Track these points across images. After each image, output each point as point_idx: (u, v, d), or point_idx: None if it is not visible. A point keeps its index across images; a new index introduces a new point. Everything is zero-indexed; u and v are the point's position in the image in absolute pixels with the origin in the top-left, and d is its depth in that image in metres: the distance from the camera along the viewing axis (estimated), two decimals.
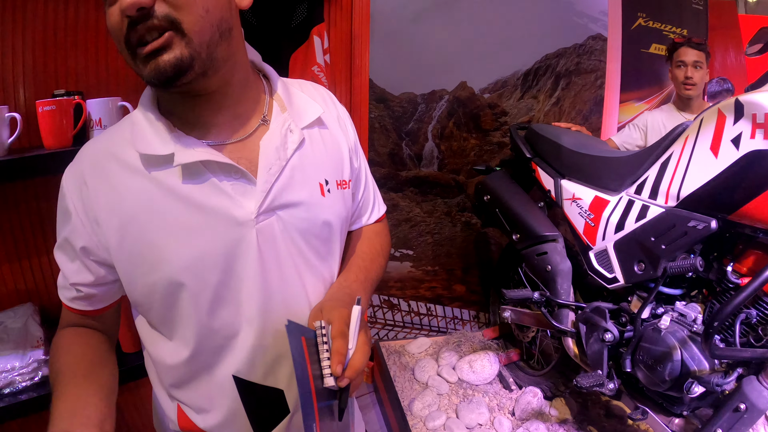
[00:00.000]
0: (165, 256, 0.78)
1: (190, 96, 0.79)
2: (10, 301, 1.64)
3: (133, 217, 0.78)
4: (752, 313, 1.30)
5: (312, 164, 0.88)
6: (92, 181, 0.80)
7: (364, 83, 2.43)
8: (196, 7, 0.70)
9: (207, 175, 0.78)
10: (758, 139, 1.21)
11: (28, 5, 1.53)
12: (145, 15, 0.68)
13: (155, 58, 0.70)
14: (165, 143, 0.77)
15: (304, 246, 0.87)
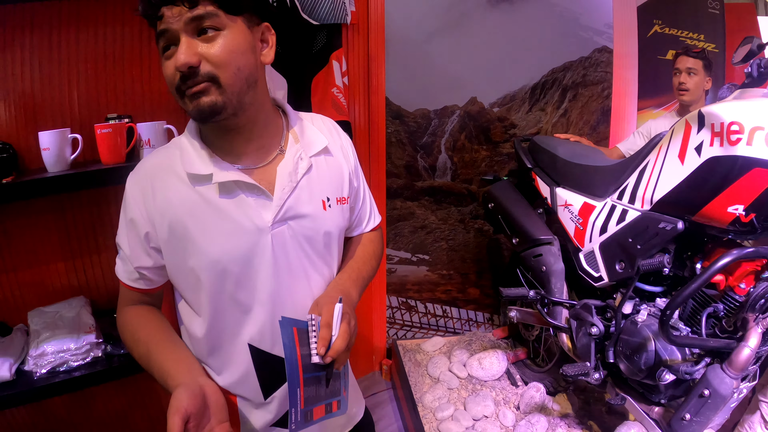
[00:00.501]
0: (202, 249, 0.99)
1: (225, 130, 1.01)
2: (64, 295, 1.87)
3: (179, 218, 0.99)
4: (719, 307, 1.42)
5: (317, 185, 1.09)
6: (151, 186, 1.01)
7: (381, 101, 2.60)
8: (231, 66, 0.92)
9: (237, 191, 1.00)
10: (716, 146, 1.34)
11: (81, 41, 1.77)
12: (192, 71, 0.89)
13: (198, 99, 0.91)
14: (206, 165, 0.99)
15: (309, 249, 1.08)
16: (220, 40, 0.91)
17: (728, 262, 1.29)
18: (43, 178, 1.55)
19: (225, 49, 0.91)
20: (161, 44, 0.94)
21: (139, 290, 1.10)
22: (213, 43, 0.91)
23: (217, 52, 0.91)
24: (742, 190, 1.27)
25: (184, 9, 0.89)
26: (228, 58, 0.92)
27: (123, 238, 1.07)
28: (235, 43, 0.93)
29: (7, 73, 1.69)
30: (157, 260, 1.06)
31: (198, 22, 0.90)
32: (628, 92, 3.79)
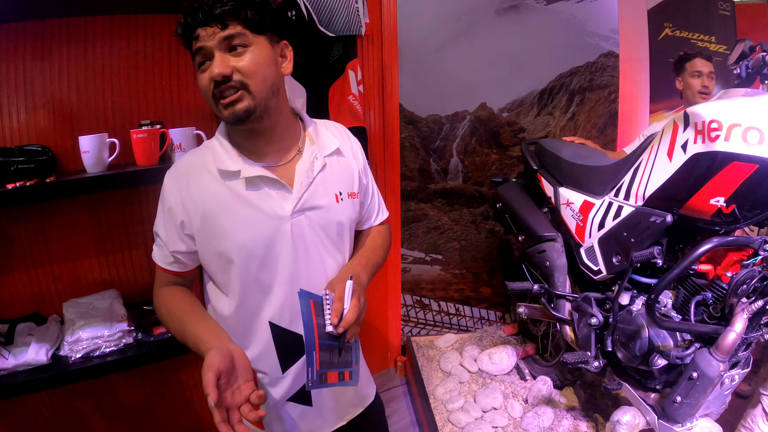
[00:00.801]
0: (230, 235, 1.14)
1: (252, 133, 1.17)
2: (96, 288, 2.01)
3: (211, 208, 1.15)
4: (708, 295, 1.50)
5: (330, 181, 1.24)
6: (186, 181, 1.17)
7: (394, 108, 2.72)
8: (258, 75, 1.10)
9: (261, 185, 1.16)
10: (699, 143, 1.43)
11: (114, 52, 1.92)
12: (226, 80, 1.07)
13: (233, 106, 1.09)
14: (235, 163, 1.15)
15: (324, 236, 1.23)
16: (248, 55, 1.09)
17: (707, 249, 1.37)
18: (83, 178, 1.70)
19: (252, 62, 1.09)
20: (197, 60, 1.11)
21: (172, 273, 1.25)
22: (242, 57, 1.08)
23: (246, 65, 1.08)
24: (723, 182, 1.35)
25: (217, 29, 1.06)
26: (255, 69, 1.09)
27: (160, 227, 1.22)
28: (261, 57, 1.11)
29: (45, 81, 1.84)
30: (190, 246, 1.20)
31: (229, 41, 1.07)
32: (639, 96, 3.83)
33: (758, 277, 1.35)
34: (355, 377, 1.21)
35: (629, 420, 1.69)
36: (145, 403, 2.19)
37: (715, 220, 1.45)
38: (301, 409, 1.28)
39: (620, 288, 1.70)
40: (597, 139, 2.98)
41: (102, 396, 2.08)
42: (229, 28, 1.07)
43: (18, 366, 1.67)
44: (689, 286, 1.55)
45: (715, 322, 1.48)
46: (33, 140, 1.83)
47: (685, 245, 1.63)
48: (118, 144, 1.81)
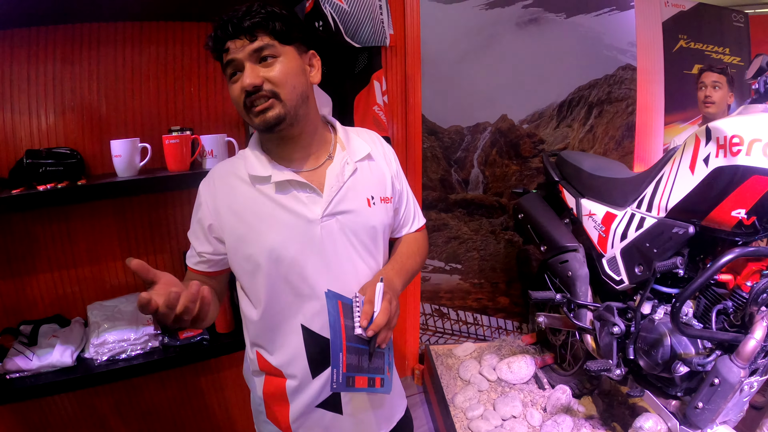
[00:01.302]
0: (261, 238, 1.18)
1: (283, 140, 1.21)
2: (120, 291, 2.04)
3: (242, 212, 1.20)
4: (728, 304, 1.54)
5: (361, 185, 1.26)
6: (219, 187, 1.23)
7: (417, 118, 2.77)
8: (288, 84, 1.14)
9: (291, 189, 1.19)
10: (720, 157, 1.47)
11: (143, 58, 1.96)
12: (257, 90, 1.11)
13: (264, 114, 1.13)
14: (265, 168, 1.20)
15: (355, 241, 1.24)
16: (278, 65, 1.14)
17: (730, 259, 1.41)
18: (115, 181, 1.73)
19: (282, 72, 1.14)
20: (228, 71, 1.16)
21: (198, 272, 1.30)
22: (272, 67, 1.13)
23: (276, 75, 1.13)
24: (743, 195, 1.40)
25: (246, 41, 1.11)
26: (285, 78, 1.14)
27: (191, 229, 1.29)
28: (290, 67, 1.15)
29: (75, 85, 1.87)
30: (217, 248, 1.25)
31: (258, 53, 1.12)
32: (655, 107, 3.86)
33: None
34: (387, 385, 1.19)
35: (651, 426, 1.73)
36: (165, 408, 2.21)
37: (735, 232, 1.49)
38: (331, 417, 1.27)
39: (643, 297, 1.74)
40: (615, 151, 3.03)
41: (122, 399, 2.10)
42: (258, 40, 1.11)
43: (42, 367, 1.68)
44: (710, 295, 1.59)
45: (735, 330, 1.52)
46: (61, 143, 1.86)
47: (706, 256, 1.67)
48: (150, 149, 1.84)
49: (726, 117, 1.54)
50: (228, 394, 2.31)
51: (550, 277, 2.32)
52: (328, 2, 2.18)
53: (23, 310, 1.90)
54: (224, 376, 2.28)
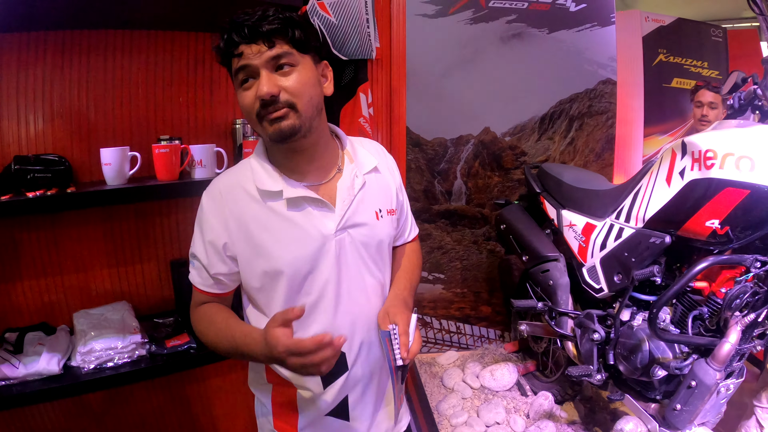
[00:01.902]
0: (275, 255, 1.15)
1: (293, 151, 1.18)
2: (107, 299, 2.01)
3: (253, 231, 1.16)
4: (704, 310, 1.61)
5: (370, 198, 1.26)
6: (226, 202, 1.18)
7: (401, 131, 2.80)
8: (305, 95, 1.10)
9: (304, 205, 1.17)
10: (695, 170, 1.54)
11: (133, 67, 1.96)
12: (274, 100, 1.07)
13: (279, 123, 1.09)
14: (276, 183, 1.16)
15: (365, 254, 1.25)
16: (296, 75, 1.09)
17: (704, 267, 1.48)
18: (104, 189, 1.71)
19: (300, 82, 1.10)
20: (240, 77, 1.10)
21: (212, 294, 1.26)
22: (290, 76, 1.09)
23: (294, 84, 1.09)
24: (717, 206, 1.46)
25: (263, 48, 1.06)
26: (302, 89, 1.10)
27: (199, 249, 1.22)
28: (307, 77, 1.11)
29: (64, 92, 1.85)
30: (232, 267, 1.21)
31: (276, 60, 1.08)
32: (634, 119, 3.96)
33: (750, 292, 1.46)
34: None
35: (632, 429, 1.79)
36: (152, 416, 2.19)
37: (710, 241, 1.55)
38: (340, 423, 1.28)
39: (622, 305, 1.80)
40: (595, 163, 3.10)
41: (109, 408, 2.08)
42: (276, 47, 1.07)
43: (29, 375, 1.65)
44: (686, 301, 1.65)
45: (711, 335, 1.58)
46: (50, 150, 1.83)
47: (683, 264, 1.73)
48: (140, 158, 1.82)
49: (700, 132, 1.61)
50: (214, 403, 2.31)
51: (531, 286, 2.38)
52: (316, 15, 2.22)
53: (8, 317, 1.88)
54: (210, 384, 2.28)
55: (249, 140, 1.95)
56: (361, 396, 1.29)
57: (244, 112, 1.13)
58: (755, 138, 1.42)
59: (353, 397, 1.28)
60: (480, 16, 2.82)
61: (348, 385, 1.26)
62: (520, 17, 2.87)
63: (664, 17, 4.24)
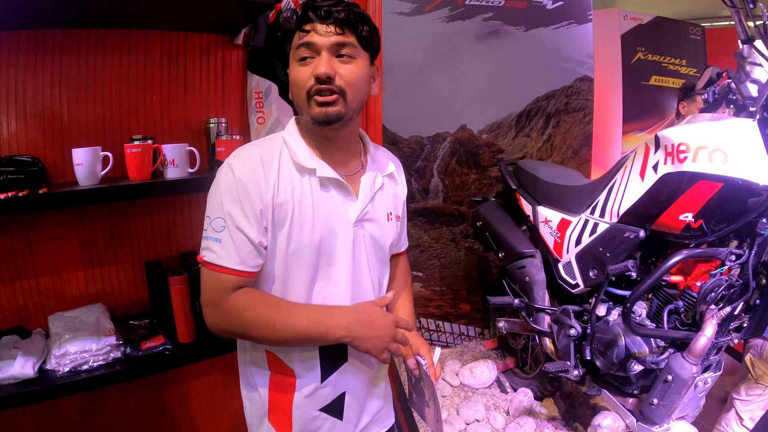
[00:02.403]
0: (299, 231, 1.15)
1: (326, 137, 1.20)
2: (82, 302, 1.97)
3: (288, 200, 1.14)
4: (680, 303, 1.61)
5: (384, 200, 1.30)
6: (264, 167, 1.14)
7: (378, 129, 2.78)
8: (356, 87, 1.13)
9: (331, 188, 1.19)
10: (668, 164, 1.54)
11: (106, 66, 1.92)
12: (329, 81, 1.09)
13: (326, 107, 1.11)
14: (311, 161, 1.17)
15: (372, 252, 1.27)
16: (353, 66, 1.13)
17: (678, 260, 1.49)
18: (77, 190, 1.68)
19: (355, 73, 1.13)
20: (301, 53, 1.12)
21: (245, 274, 1.15)
22: (347, 66, 1.12)
23: (350, 74, 1.12)
24: (691, 200, 1.47)
25: (332, 31, 1.10)
26: (356, 80, 1.13)
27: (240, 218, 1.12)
28: (362, 72, 1.15)
29: (37, 92, 1.81)
30: (265, 238, 1.15)
31: (340, 47, 1.11)
32: (613, 117, 3.98)
33: (725, 285, 1.46)
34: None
35: (609, 424, 1.78)
36: (129, 419, 2.16)
37: (684, 235, 1.56)
38: (332, 422, 1.28)
39: (597, 300, 1.80)
40: (572, 159, 3.11)
41: (85, 411, 2.05)
42: (345, 34, 1.11)
43: (3, 379, 1.62)
44: (662, 296, 1.66)
45: (686, 329, 1.59)
46: (22, 151, 1.80)
47: (658, 258, 1.74)
48: (112, 158, 1.79)
49: (673, 126, 1.62)
50: (193, 405, 2.28)
51: (508, 282, 2.37)
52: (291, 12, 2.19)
53: None
54: (189, 386, 2.24)
55: (222, 139, 1.93)
56: (356, 392, 1.31)
57: (295, 87, 1.15)
58: (728, 131, 1.43)
59: (349, 393, 1.30)
60: (456, 13, 2.81)
61: (343, 380, 1.28)
62: (496, 15, 2.86)
63: (643, 15, 4.28)
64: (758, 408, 2.08)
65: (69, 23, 1.82)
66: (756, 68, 1.45)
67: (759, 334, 1.58)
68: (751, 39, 1.45)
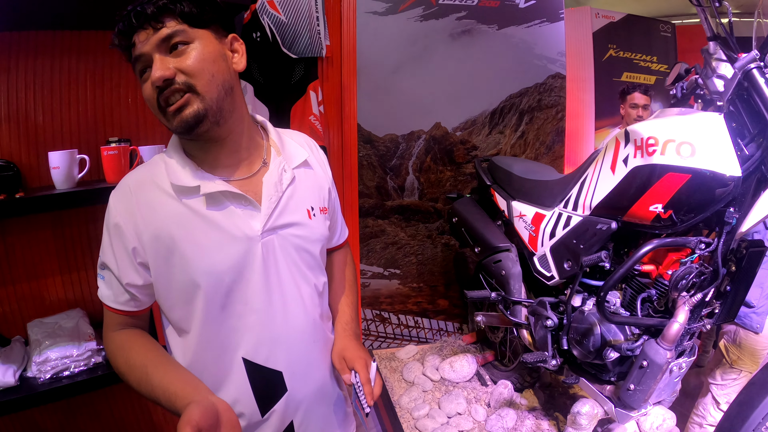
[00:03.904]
0: (192, 261, 1.02)
1: (209, 143, 1.05)
2: (61, 307, 1.98)
3: (167, 230, 1.02)
4: (652, 292, 1.66)
5: (300, 195, 1.15)
6: (136, 200, 1.03)
7: (353, 127, 2.82)
8: (205, 73, 0.98)
9: (225, 202, 1.04)
10: (638, 157, 1.59)
11: (81, 68, 1.92)
12: (169, 84, 0.96)
13: (180, 113, 0.97)
14: (192, 178, 1.02)
15: (298, 258, 1.14)
16: (191, 52, 0.98)
17: (648, 250, 1.54)
18: (53, 194, 1.68)
19: (196, 59, 0.98)
20: (138, 69, 1.00)
21: (126, 313, 1.10)
22: (185, 56, 0.98)
23: (190, 63, 0.97)
24: (660, 191, 1.51)
25: (151, 32, 0.96)
26: (200, 66, 0.98)
27: (109, 256, 1.06)
28: (206, 52, 1.00)
29: (11, 95, 1.80)
30: (146, 278, 1.06)
31: (167, 42, 0.97)
32: (585, 113, 4.06)
33: (695, 273, 1.51)
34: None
35: (588, 411, 1.83)
36: (112, 425, 2.15)
37: (655, 225, 1.60)
38: None
39: (572, 291, 1.85)
40: (545, 155, 3.16)
41: (68, 418, 2.04)
42: (164, 27, 0.96)
43: None
44: (635, 285, 1.70)
45: (660, 316, 1.64)
46: None
47: (630, 249, 1.79)
48: (89, 160, 1.79)
49: (643, 121, 1.67)
50: None
51: (485, 277, 2.41)
52: (266, 13, 2.21)
53: None
54: None
55: None
56: (306, 419, 1.20)
57: (149, 105, 1.02)
58: (695, 125, 1.48)
59: (298, 420, 1.18)
60: (430, 13, 2.83)
61: (290, 408, 1.16)
62: (469, 14, 2.90)
63: (614, 13, 4.38)
64: (733, 392, 2.15)
65: (42, 25, 1.82)
66: (722, 64, 1.49)
67: (731, 320, 1.64)
68: (717, 36, 1.50)
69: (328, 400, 1.27)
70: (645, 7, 5.01)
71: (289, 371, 1.14)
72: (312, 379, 1.20)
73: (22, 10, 1.63)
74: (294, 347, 1.15)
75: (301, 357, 1.17)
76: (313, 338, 1.20)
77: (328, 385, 1.27)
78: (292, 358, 1.14)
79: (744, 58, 1.41)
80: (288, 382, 1.14)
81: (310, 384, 1.19)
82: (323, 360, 1.25)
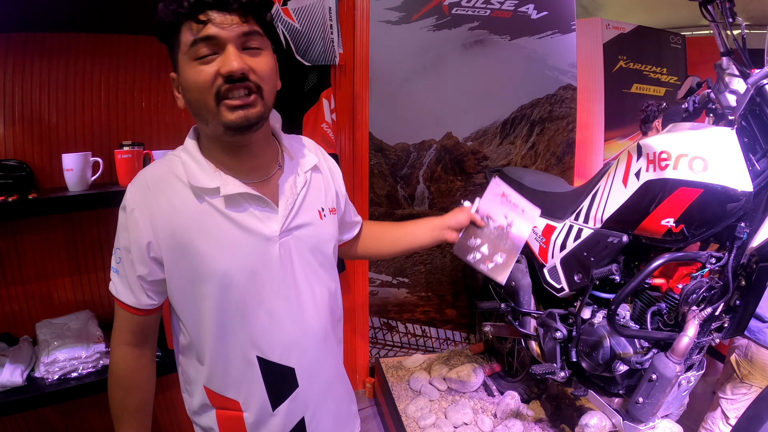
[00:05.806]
0: (209, 259, 1.02)
1: (237, 146, 1.05)
2: (69, 308, 1.99)
3: (184, 226, 1.01)
4: (662, 305, 1.66)
5: (312, 197, 1.17)
6: (154, 193, 1.02)
7: (364, 136, 2.83)
8: (270, 82, 1.01)
9: (243, 204, 1.04)
10: (650, 171, 1.59)
11: (95, 70, 1.94)
12: (242, 79, 0.94)
13: (246, 109, 0.96)
14: (211, 179, 1.03)
15: (312, 258, 1.15)
16: (265, 58, 0.99)
17: (660, 264, 1.53)
18: (66, 196, 1.69)
19: (268, 66, 0.99)
20: (202, 50, 0.94)
21: (136, 311, 1.10)
22: (260, 59, 0.97)
23: (264, 67, 0.97)
24: (672, 206, 1.52)
25: (236, 20, 0.93)
26: (270, 74, 1.00)
27: (124, 248, 1.06)
28: (273, 63, 1.01)
29: (25, 96, 1.82)
30: (156, 273, 1.06)
31: (247, 38, 0.95)
32: (595, 124, 4.05)
33: (706, 287, 1.51)
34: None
35: (596, 423, 1.83)
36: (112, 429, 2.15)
37: (666, 239, 1.60)
38: None
39: (582, 303, 1.85)
40: (555, 167, 3.17)
41: (74, 419, 2.04)
42: (249, 22, 0.95)
43: None
44: (645, 298, 1.70)
45: (669, 329, 1.64)
46: (10, 155, 1.80)
47: (640, 262, 1.79)
48: (102, 163, 1.80)
49: (655, 135, 1.67)
50: (181, 412, 2.28)
51: (494, 287, 2.41)
52: (280, 21, 2.23)
53: None
54: (177, 394, 2.23)
55: None
56: (317, 415, 1.20)
57: (195, 91, 0.97)
58: (707, 139, 1.48)
59: (309, 416, 1.19)
60: (443, 22, 2.85)
61: (301, 404, 1.17)
62: (482, 24, 2.91)
63: (625, 25, 4.37)
64: (743, 407, 2.13)
65: (58, 27, 1.83)
66: (735, 79, 1.49)
67: (740, 334, 1.63)
68: (730, 51, 1.50)
69: (338, 397, 1.28)
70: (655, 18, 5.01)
71: (301, 368, 1.15)
72: (323, 377, 1.21)
73: (33, 12, 1.65)
74: (306, 346, 1.15)
75: (313, 355, 1.17)
76: (325, 337, 1.20)
77: (337, 383, 1.28)
78: (304, 356, 1.15)
79: (757, 73, 1.41)
80: (300, 378, 1.15)
81: (320, 381, 1.20)
82: (334, 358, 1.26)
